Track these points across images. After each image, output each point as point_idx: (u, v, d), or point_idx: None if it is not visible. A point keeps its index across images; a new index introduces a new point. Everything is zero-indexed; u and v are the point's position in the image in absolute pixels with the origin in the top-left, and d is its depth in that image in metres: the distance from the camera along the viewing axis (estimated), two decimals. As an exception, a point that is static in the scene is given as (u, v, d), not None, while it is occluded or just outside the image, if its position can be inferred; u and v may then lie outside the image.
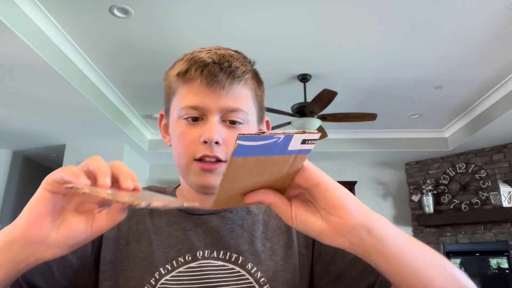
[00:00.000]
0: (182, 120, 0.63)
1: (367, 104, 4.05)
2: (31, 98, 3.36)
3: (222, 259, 0.63)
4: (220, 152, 0.61)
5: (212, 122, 0.61)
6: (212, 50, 0.64)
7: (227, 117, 0.62)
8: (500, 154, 4.58)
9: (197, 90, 0.61)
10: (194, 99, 0.61)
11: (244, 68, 0.64)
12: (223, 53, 0.63)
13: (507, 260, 4.43)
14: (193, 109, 0.61)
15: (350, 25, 2.68)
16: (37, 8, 2.51)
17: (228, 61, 0.62)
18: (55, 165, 5.54)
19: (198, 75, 0.61)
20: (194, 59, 0.62)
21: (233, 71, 0.62)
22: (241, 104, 0.63)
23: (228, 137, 0.62)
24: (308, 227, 0.45)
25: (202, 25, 2.69)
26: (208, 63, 0.61)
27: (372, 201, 5.34)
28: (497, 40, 2.85)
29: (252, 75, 0.68)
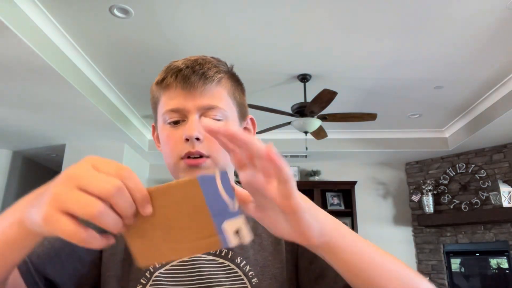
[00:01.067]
0: (166, 125, 0.68)
1: (367, 104, 4.05)
2: (31, 98, 3.36)
3: (212, 253, 0.66)
4: (202, 148, 0.64)
5: (191, 121, 0.65)
6: (188, 58, 0.70)
7: (206, 115, 0.66)
8: (500, 154, 4.58)
9: (174, 94, 0.66)
10: (173, 103, 0.66)
11: (216, 69, 0.68)
12: (197, 58, 0.69)
13: (507, 260, 4.43)
14: (173, 112, 0.66)
15: (350, 25, 2.68)
16: (37, 8, 2.51)
17: (200, 64, 0.67)
18: (55, 165, 5.54)
19: (173, 80, 0.66)
20: (170, 67, 0.68)
21: (205, 72, 0.66)
22: (217, 101, 0.67)
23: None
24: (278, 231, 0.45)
25: (202, 25, 2.69)
26: (182, 68, 0.66)
27: (372, 201, 5.34)
28: (497, 40, 2.85)
29: (228, 76, 0.71)
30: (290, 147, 4.95)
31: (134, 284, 0.64)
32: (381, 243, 0.63)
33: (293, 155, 5.12)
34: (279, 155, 0.37)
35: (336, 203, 5.23)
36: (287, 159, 5.29)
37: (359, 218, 5.03)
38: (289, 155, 5.15)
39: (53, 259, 0.62)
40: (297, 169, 5.44)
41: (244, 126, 0.75)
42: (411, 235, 5.22)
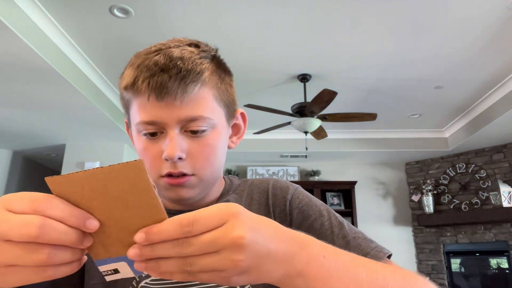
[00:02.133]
0: (141, 135, 0.59)
1: (367, 104, 4.05)
2: (31, 98, 3.36)
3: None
4: (185, 167, 0.57)
5: (172, 138, 0.56)
6: (163, 50, 0.58)
7: (188, 127, 0.57)
8: (500, 154, 4.58)
9: (148, 104, 0.55)
10: (146, 115, 0.56)
11: (198, 68, 0.57)
12: (173, 55, 0.56)
13: (507, 260, 4.43)
14: (149, 124, 0.56)
15: (351, 25, 2.68)
16: (37, 8, 2.51)
17: (177, 66, 0.55)
18: (55, 165, 5.54)
19: (145, 87, 0.55)
20: (141, 67, 0.56)
21: (184, 76, 0.55)
22: (202, 110, 0.57)
23: (192, 150, 0.58)
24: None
25: (201, 24, 2.69)
26: (155, 72, 0.55)
27: (372, 201, 5.34)
28: (497, 40, 2.85)
29: (212, 70, 0.60)
30: (290, 147, 4.95)
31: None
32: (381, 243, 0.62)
33: (293, 155, 5.12)
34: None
35: (336, 203, 5.23)
36: (287, 159, 5.29)
37: (359, 218, 5.03)
38: (289, 155, 5.15)
39: None
40: (297, 169, 5.44)
41: (234, 123, 0.67)
42: (411, 235, 5.22)
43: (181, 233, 0.36)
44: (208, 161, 0.60)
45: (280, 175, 5.41)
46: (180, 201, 0.62)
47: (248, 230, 0.36)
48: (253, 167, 5.43)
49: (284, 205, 0.66)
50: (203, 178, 0.60)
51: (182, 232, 0.36)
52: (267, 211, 0.66)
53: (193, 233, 0.35)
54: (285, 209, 0.65)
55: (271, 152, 4.99)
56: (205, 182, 0.61)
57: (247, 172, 5.40)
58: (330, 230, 0.61)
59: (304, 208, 0.64)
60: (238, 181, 0.73)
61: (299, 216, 0.64)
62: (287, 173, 5.42)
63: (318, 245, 0.42)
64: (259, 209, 0.67)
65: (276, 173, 5.42)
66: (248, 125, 0.73)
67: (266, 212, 0.66)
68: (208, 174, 0.61)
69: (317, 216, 0.63)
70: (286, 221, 0.64)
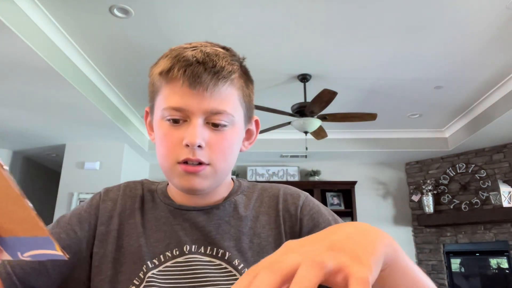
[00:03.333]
0: (165, 121, 0.61)
1: (367, 104, 4.05)
2: (31, 98, 3.36)
3: (209, 254, 0.63)
4: (203, 155, 0.60)
5: (195, 125, 0.59)
6: (198, 47, 0.62)
7: (211, 120, 0.60)
8: (500, 154, 4.58)
9: (180, 91, 0.59)
10: (176, 101, 0.59)
11: (230, 67, 0.61)
12: (209, 52, 0.61)
13: (507, 260, 4.43)
14: (175, 110, 0.60)
15: (351, 25, 2.69)
16: (37, 8, 2.51)
17: (213, 61, 0.59)
18: (55, 165, 5.54)
19: (181, 75, 0.59)
20: (178, 58, 0.60)
21: (218, 72, 0.59)
22: (226, 106, 0.61)
23: (211, 140, 0.61)
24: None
25: (202, 24, 2.69)
26: (192, 62, 0.59)
27: (372, 201, 5.34)
28: (497, 40, 2.85)
29: (240, 74, 0.65)
30: (290, 147, 4.95)
31: (127, 285, 0.61)
32: (381, 243, 0.61)
33: (293, 155, 5.13)
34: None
35: (336, 203, 5.23)
36: (287, 159, 5.29)
37: (359, 218, 5.03)
38: (289, 155, 5.15)
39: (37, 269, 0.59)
40: (297, 169, 5.44)
41: (248, 128, 0.70)
42: (411, 235, 5.22)
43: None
44: (224, 154, 0.62)
45: (280, 175, 5.40)
46: (192, 191, 0.63)
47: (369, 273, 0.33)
48: (253, 167, 5.43)
49: (295, 210, 0.68)
50: (217, 169, 0.62)
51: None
52: (276, 214, 0.68)
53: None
54: (295, 214, 0.68)
55: (271, 152, 4.99)
56: (218, 174, 0.63)
57: (247, 172, 5.40)
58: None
59: (315, 215, 0.67)
60: (247, 183, 0.75)
61: (310, 222, 0.66)
62: (287, 173, 5.42)
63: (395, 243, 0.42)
64: (269, 212, 0.69)
65: (276, 173, 5.42)
66: None
67: (275, 215, 0.68)
68: (222, 167, 0.63)
69: (326, 225, 0.65)
70: (296, 225, 0.67)
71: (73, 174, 4.50)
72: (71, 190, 4.41)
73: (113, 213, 0.68)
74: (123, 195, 0.70)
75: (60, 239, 0.63)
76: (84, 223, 0.66)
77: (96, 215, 0.68)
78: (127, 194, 0.70)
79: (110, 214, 0.68)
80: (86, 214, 0.68)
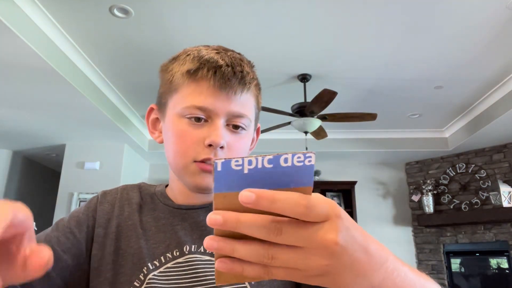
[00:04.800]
0: (184, 118, 0.61)
1: (367, 104, 4.05)
2: (31, 98, 3.36)
3: (209, 253, 0.63)
4: (222, 156, 0.60)
5: (219, 126, 0.60)
6: (220, 49, 0.63)
7: (232, 122, 0.62)
8: (500, 154, 4.58)
9: (207, 91, 0.60)
10: (202, 100, 0.60)
11: (252, 74, 0.64)
12: (234, 56, 0.63)
13: (507, 260, 4.43)
14: (199, 109, 0.60)
15: (351, 25, 2.68)
16: (37, 8, 2.51)
17: (240, 65, 0.61)
18: (55, 165, 5.54)
19: (211, 75, 0.59)
20: (206, 59, 0.61)
21: (244, 77, 0.61)
22: (247, 110, 0.63)
23: (231, 141, 0.62)
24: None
25: (202, 24, 2.69)
26: (221, 65, 0.60)
27: (372, 201, 5.34)
28: (497, 40, 2.85)
29: (257, 82, 0.67)
30: (290, 147, 4.95)
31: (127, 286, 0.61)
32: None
33: (293, 155, 5.12)
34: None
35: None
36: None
37: (359, 218, 5.03)
38: (289, 155, 5.14)
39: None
40: (297, 169, 5.44)
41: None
42: (411, 235, 5.22)
43: (298, 211, 0.31)
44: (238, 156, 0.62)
45: (280, 175, 5.40)
46: (204, 190, 0.63)
47: (343, 237, 0.33)
48: (253, 167, 5.43)
49: None
50: None
51: (299, 211, 0.31)
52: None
53: (309, 215, 0.32)
54: None
55: (271, 152, 4.98)
56: None
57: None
58: None
59: None
60: None
61: None
62: (287, 173, 5.42)
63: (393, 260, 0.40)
64: None
65: (276, 173, 5.41)
66: None
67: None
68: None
69: None
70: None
71: (73, 174, 4.50)
72: (71, 190, 4.41)
73: (111, 215, 0.68)
74: (121, 198, 0.70)
75: (60, 243, 0.63)
76: (83, 225, 0.66)
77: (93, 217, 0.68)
78: (124, 197, 0.70)
79: (108, 217, 0.68)
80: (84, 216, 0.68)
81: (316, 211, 0.32)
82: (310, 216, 0.32)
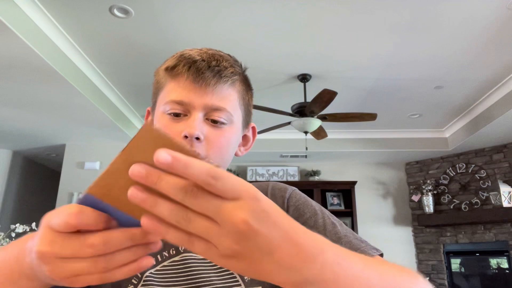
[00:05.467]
0: (166, 114, 0.63)
1: (367, 104, 4.05)
2: (31, 98, 3.36)
3: None
4: (200, 148, 0.61)
5: (194, 118, 0.61)
6: (204, 49, 0.65)
7: (211, 116, 0.63)
8: (500, 154, 4.58)
9: (183, 85, 0.62)
10: (179, 94, 0.62)
11: (232, 69, 0.64)
12: (213, 53, 0.64)
13: (507, 260, 4.43)
14: (177, 104, 0.62)
15: (350, 25, 2.68)
16: (37, 8, 2.51)
17: (217, 60, 0.63)
18: (55, 165, 5.54)
19: (185, 70, 0.62)
20: (184, 56, 0.63)
21: (221, 71, 0.62)
22: (226, 104, 0.63)
23: (210, 135, 0.63)
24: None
25: (201, 25, 2.69)
26: (197, 60, 0.62)
27: (372, 201, 5.34)
28: (497, 40, 2.85)
29: (241, 79, 0.68)
30: (290, 147, 4.95)
31: (125, 284, 0.61)
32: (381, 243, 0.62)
33: (293, 155, 5.12)
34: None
35: (336, 203, 5.23)
36: (287, 159, 5.29)
37: (359, 218, 5.03)
38: (289, 155, 5.15)
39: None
40: (297, 169, 5.44)
41: (245, 134, 0.73)
42: (411, 235, 5.22)
43: (205, 179, 0.32)
44: (221, 151, 0.64)
45: (280, 175, 5.40)
46: None
47: (256, 219, 0.33)
48: (253, 167, 5.43)
49: (282, 202, 0.69)
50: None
51: (205, 180, 0.32)
52: None
53: (215, 186, 0.32)
54: (282, 206, 0.68)
55: (271, 152, 4.99)
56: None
57: (247, 172, 5.40)
58: (323, 227, 0.63)
59: (300, 206, 0.68)
60: None
61: (295, 213, 0.67)
62: (287, 173, 5.42)
63: (333, 251, 0.38)
64: None
65: (276, 173, 5.42)
66: None
67: None
68: (219, 161, 0.64)
69: (311, 214, 0.66)
70: None
71: (73, 174, 4.50)
72: (71, 190, 4.41)
73: None
74: None
75: None
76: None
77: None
78: None
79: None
80: None
81: (223, 183, 0.32)
82: (215, 187, 0.32)
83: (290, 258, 0.34)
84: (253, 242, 0.33)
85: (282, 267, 0.34)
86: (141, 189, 0.33)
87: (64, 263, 0.37)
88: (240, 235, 0.32)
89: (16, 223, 3.13)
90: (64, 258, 0.37)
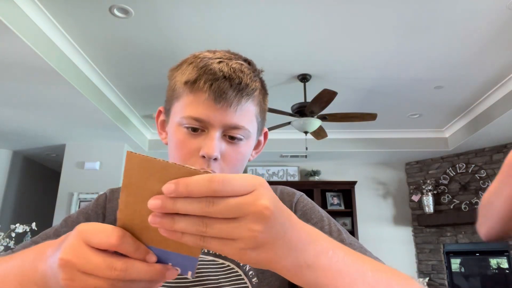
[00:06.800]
0: (182, 127, 0.63)
1: (367, 104, 4.05)
2: (31, 98, 3.36)
3: (212, 254, 0.64)
4: (216, 167, 0.61)
5: (213, 138, 0.60)
6: (224, 60, 0.63)
7: (228, 133, 0.62)
8: (500, 154, 4.58)
9: (203, 103, 0.60)
10: (198, 112, 0.61)
11: (253, 84, 0.63)
12: (235, 67, 0.62)
13: (507, 260, 4.43)
14: (196, 120, 0.61)
15: (350, 25, 2.69)
16: (37, 8, 2.51)
17: (239, 78, 0.61)
18: (55, 165, 5.54)
19: (207, 88, 0.60)
20: (205, 70, 0.61)
21: (243, 89, 0.61)
22: (245, 121, 0.63)
23: (227, 153, 0.63)
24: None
25: (202, 25, 2.69)
26: (219, 77, 0.60)
27: (372, 201, 5.34)
28: (497, 40, 2.85)
29: (260, 88, 0.67)
30: (290, 147, 4.95)
31: None
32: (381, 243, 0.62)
33: (293, 155, 5.13)
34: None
35: (336, 203, 5.23)
36: (287, 159, 5.29)
37: (359, 218, 5.03)
38: (289, 155, 5.15)
39: None
40: (297, 169, 5.44)
41: (258, 139, 0.73)
42: (411, 235, 5.22)
43: (209, 189, 0.34)
44: (236, 167, 0.65)
45: (280, 175, 5.40)
46: None
47: (274, 204, 0.35)
48: (253, 167, 5.43)
49: (290, 207, 0.69)
50: None
51: (210, 189, 0.34)
52: None
53: (221, 192, 0.34)
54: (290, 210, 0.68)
55: (271, 152, 4.99)
56: None
57: (247, 172, 5.40)
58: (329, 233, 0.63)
59: (307, 211, 0.69)
60: None
61: (302, 218, 0.67)
62: (287, 173, 5.42)
63: (327, 240, 0.42)
64: None
65: (276, 173, 5.42)
66: None
67: None
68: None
69: (318, 220, 0.67)
70: None
71: (73, 174, 4.50)
72: (71, 190, 4.41)
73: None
74: None
75: None
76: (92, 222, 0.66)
77: (103, 214, 0.69)
78: None
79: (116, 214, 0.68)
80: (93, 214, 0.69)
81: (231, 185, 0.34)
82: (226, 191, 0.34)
83: (296, 238, 0.38)
84: (273, 226, 0.36)
85: (290, 248, 0.38)
86: (158, 214, 0.35)
87: (82, 277, 0.37)
88: (262, 220, 0.34)
89: (16, 223, 3.13)
90: (84, 272, 0.37)
